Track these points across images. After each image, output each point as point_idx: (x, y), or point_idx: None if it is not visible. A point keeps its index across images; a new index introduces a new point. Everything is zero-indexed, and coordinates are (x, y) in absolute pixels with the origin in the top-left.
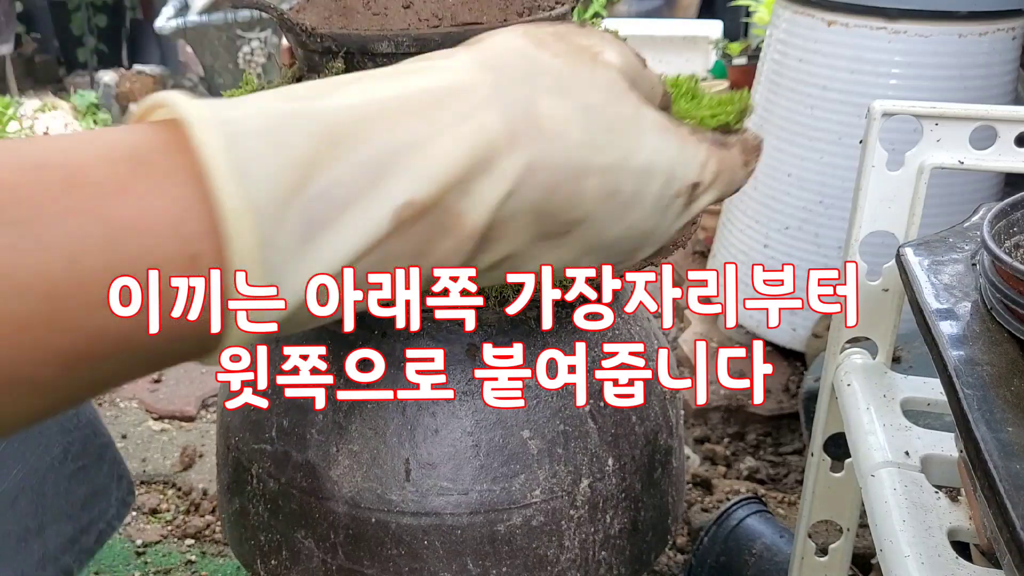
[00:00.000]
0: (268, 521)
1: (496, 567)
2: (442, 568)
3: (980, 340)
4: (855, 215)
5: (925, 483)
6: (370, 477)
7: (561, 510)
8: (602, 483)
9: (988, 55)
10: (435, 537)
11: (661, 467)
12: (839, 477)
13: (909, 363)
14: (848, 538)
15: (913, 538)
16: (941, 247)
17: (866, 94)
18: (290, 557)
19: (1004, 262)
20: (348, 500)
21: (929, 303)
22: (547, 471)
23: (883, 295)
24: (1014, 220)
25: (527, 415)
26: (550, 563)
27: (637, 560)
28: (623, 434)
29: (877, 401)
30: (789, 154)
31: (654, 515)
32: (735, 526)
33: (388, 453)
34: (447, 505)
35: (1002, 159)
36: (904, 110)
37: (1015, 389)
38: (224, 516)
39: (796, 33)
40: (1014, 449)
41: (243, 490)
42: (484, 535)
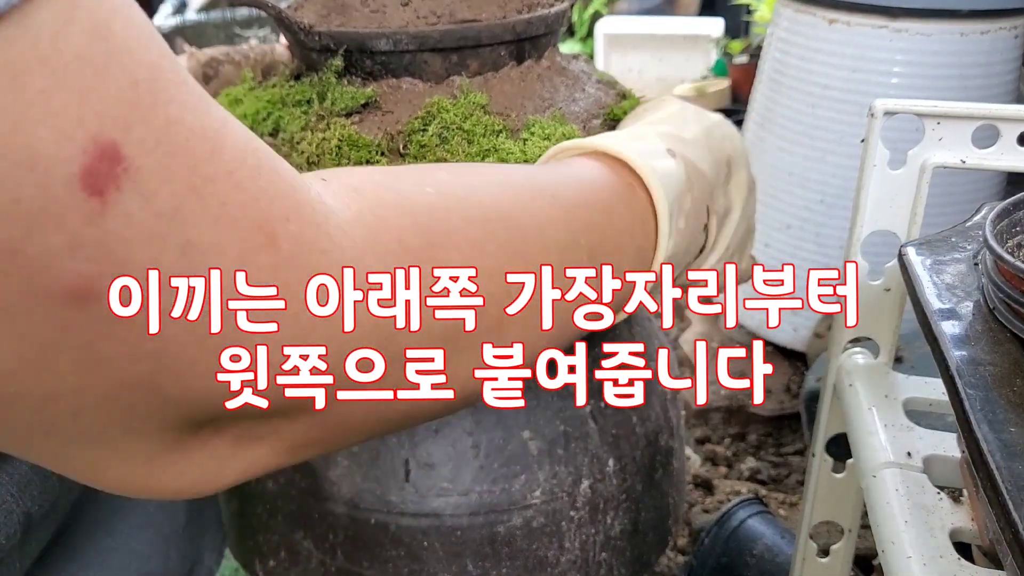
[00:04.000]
0: (267, 522)
1: (496, 568)
2: (442, 569)
3: (982, 340)
4: (856, 214)
5: (927, 484)
6: (369, 478)
7: (561, 511)
8: (603, 484)
9: (990, 54)
10: (435, 538)
11: (662, 468)
12: (841, 478)
13: (911, 363)
14: (850, 539)
15: (915, 539)
16: (943, 247)
17: (868, 93)
18: (289, 558)
19: (1007, 261)
20: (347, 501)
21: (931, 303)
22: (547, 472)
23: (885, 295)
24: (1017, 219)
25: (527, 415)
26: (550, 564)
27: (638, 561)
28: (624, 435)
29: (879, 401)
30: (790, 153)
31: (655, 516)
32: (736, 527)
33: (387, 454)
34: (447, 506)
35: (1004, 158)
36: (906, 109)
37: (1017, 389)
38: (223, 517)
39: (797, 31)
40: (1017, 449)
41: (242, 491)
42: (484, 536)
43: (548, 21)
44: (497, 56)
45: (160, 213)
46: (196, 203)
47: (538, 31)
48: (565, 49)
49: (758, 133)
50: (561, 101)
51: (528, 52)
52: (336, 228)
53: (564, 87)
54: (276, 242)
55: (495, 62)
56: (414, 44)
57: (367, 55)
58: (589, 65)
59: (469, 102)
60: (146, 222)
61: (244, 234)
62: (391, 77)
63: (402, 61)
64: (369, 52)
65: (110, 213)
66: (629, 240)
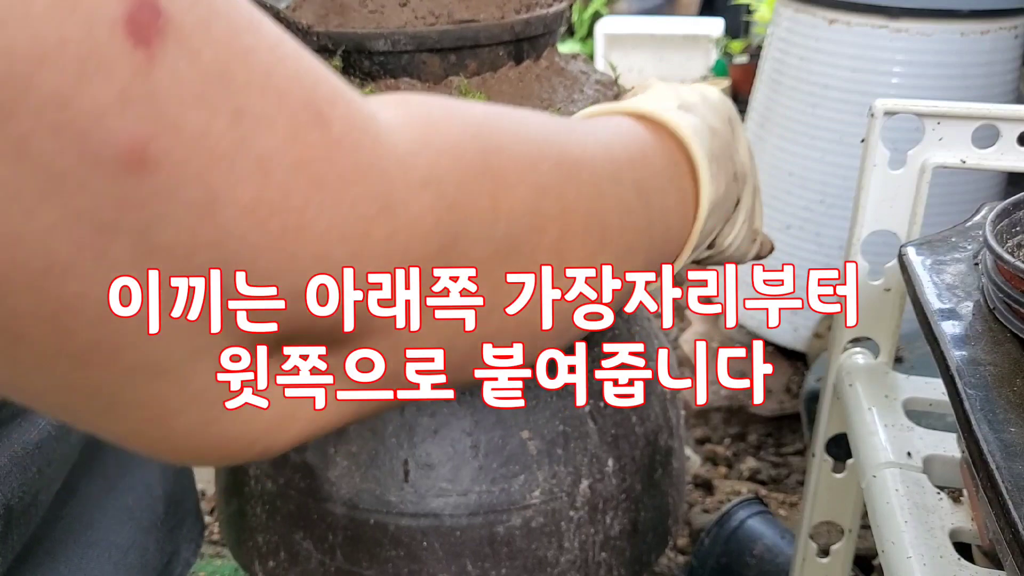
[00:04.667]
0: (266, 522)
1: (495, 568)
2: (441, 570)
3: (982, 340)
4: (857, 214)
5: (927, 484)
6: (368, 478)
7: (561, 511)
8: (602, 484)
9: (990, 54)
10: (434, 538)
11: (661, 468)
12: (841, 478)
13: (911, 363)
14: (850, 539)
15: (915, 539)
16: (943, 247)
17: (868, 93)
18: (288, 559)
19: (1007, 261)
20: (346, 501)
21: (931, 303)
22: (547, 472)
23: (885, 295)
24: (1017, 219)
25: (526, 415)
26: (550, 564)
27: (637, 561)
28: (623, 435)
29: (879, 401)
30: (790, 153)
31: (654, 516)
32: (736, 527)
33: (387, 454)
34: (446, 506)
35: (1004, 158)
36: (906, 109)
37: (1017, 389)
38: (222, 518)
39: (797, 31)
40: (1016, 450)
41: (241, 491)
42: (483, 536)
43: (546, 21)
44: (495, 56)
45: (208, 74)
46: (242, 69)
47: (536, 31)
48: (565, 49)
49: (758, 133)
50: (559, 101)
51: (526, 52)
52: (385, 122)
53: (562, 87)
54: (326, 120)
55: (493, 62)
56: (412, 44)
57: (365, 55)
58: (588, 65)
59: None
60: (195, 82)
61: (293, 108)
62: (389, 77)
63: (400, 61)
64: (367, 52)
65: (158, 67)
66: (669, 182)
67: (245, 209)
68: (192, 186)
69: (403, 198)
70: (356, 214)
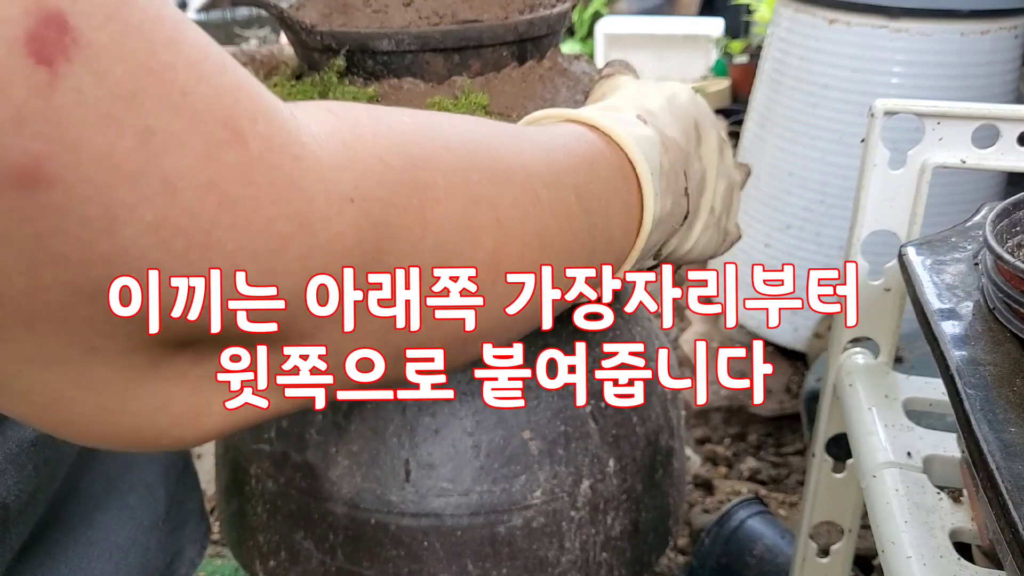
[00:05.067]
0: (267, 522)
1: (496, 569)
2: (442, 570)
3: (982, 340)
4: (856, 214)
5: (927, 484)
6: (369, 478)
7: (562, 511)
8: (603, 484)
9: (990, 54)
10: (435, 538)
11: (662, 468)
12: (841, 478)
13: (911, 363)
14: (850, 539)
15: (915, 539)
16: (943, 247)
17: (868, 93)
18: (289, 558)
19: (1007, 261)
20: (347, 501)
21: (931, 303)
22: (548, 472)
23: (885, 295)
24: (1017, 219)
25: (527, 415)
26: (550, 565)
27: (638, 561)
28: (624, 435)
29: (879, 401)
30: (790, 153)
31: (655, 516)
32: (736, 527)
33: (388, 454)
34: (447, 506)
35: (1004, 158)
36: (906, 109)
37: (1017, 389)
38: (222, 517)
39: (797, 31)
40: (1016, 449)
41: (242, 491)
42: (484, 536)
43: (550, 22)
44: (499, 56)
45: (116, 94)
46: (156, 87)
47: (540, 32)
48: (565, 49)
49: (758, 133)
50: (562, 102)
51: (530, 53)
52: (310, 138)
53: (565, 88)
54: (244, 140)
55: (497, 62)
56: (416, 44)
57: (369, 55)
58: (591, 66)
59: (470, 102)
60: (100, 101)
61: (209, 128)
62: (393, 77)
63: (404, 61)
64: (371, 52)
65: (60, 86)
66: (614, 191)
67: (148, 227)
68: (90, 203)
69: (324, 215)
70: (270, 232)
